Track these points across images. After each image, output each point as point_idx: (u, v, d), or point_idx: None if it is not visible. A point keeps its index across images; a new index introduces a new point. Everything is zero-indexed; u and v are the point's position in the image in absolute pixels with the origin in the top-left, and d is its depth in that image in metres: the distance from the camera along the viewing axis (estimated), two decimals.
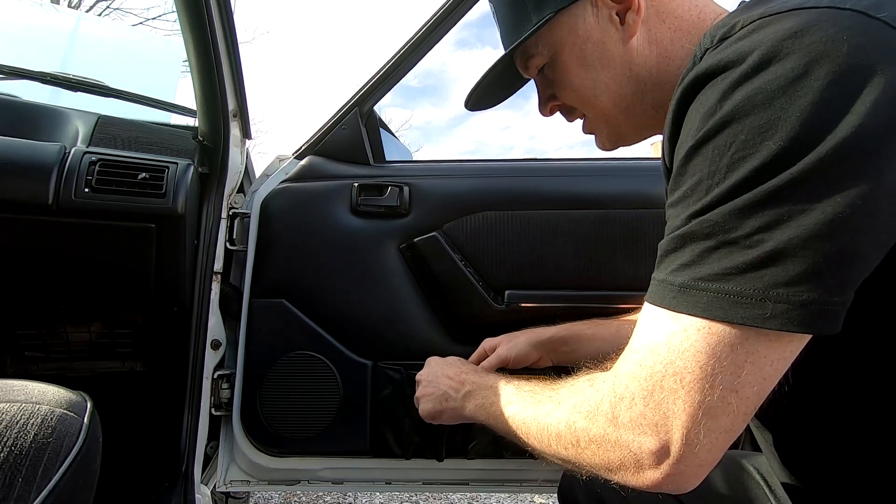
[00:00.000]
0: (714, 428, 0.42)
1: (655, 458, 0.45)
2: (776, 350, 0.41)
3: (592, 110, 0.65)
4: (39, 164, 0.98)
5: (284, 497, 2.06)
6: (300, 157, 1.23)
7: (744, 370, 0.41)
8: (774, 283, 0.39)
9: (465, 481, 1.19)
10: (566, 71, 0.63)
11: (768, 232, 0.39)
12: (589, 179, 1.19)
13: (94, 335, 1.25)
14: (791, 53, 0.40)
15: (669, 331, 0.44)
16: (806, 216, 0.38)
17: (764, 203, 0.39)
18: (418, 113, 32.01)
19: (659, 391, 0.44)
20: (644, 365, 0.45)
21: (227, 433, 1.17)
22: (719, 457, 0.44)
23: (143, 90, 1.52)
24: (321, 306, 1.15)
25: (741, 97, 0.41)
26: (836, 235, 0.38)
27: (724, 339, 0.41)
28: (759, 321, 0.39)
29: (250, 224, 1.19)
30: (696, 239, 0.43)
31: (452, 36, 1.29)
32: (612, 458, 0.48)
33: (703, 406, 0.42)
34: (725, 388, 0.41)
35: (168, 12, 10.19)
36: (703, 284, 0.42)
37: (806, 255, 0.38)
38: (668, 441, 0.44)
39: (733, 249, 0.41)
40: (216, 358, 1.14)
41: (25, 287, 1.06)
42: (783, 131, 0.39)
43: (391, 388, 1.12)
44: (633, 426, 0.46)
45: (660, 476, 0.45)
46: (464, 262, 1.15)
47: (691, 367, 0.42)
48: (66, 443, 0.54)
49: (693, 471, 0.44)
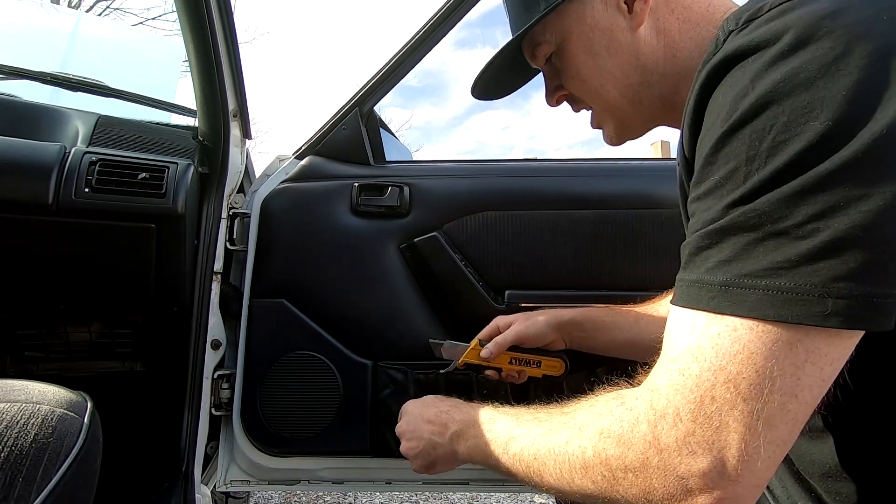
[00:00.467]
0: (773, 439, 0.38)
1: (708, 480, 0.39)
2: (835, 347, 0.37)
3: (599, 100, 0.64)
4: (39, 164, 0.98)
5: (284, 497, 2.06)
6: (300, 157, 1.23)
7: (804, 372, 0.37)
8: (834, 277, 0.35)
9: (465, 481, 1.19)
10: (573, 59, 0.62)
11: (823, 220, 0.35)
12: (589, 179, 1.19)
13: (94, 335, 1.25)
14: (829, 33, 0.37)
15: (715, 332, 0.39)
16: (864, 202, 0.35)
17: (816, 188, 0.36)
18: (418, 113, 32.06)
19: (710, 403, 0.39)
20: (688, 374, 0.40)
21: (227, 433, 1.17)
22: (772, 473, 0.40)
23: (143, 90, 1.52)
24: (321, 306, 1.15)
25: (779, 76, 0.38)
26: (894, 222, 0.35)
27: (780, 338, 0.37)
28: (818, 319, 0.36)
29: (250, 224, 1.19)
30: (736, 231, 0.39)
31: (452, 36, 1.29)
32: (656, 486, 0.42)
33: (762, 415, 0.37)
34: (785, 392, 0.37)
35: (168, 12, 10.20)
36: (749, 281, 0.38)
37: (868, 243, 0.35)
38: (724, 459, 0.38)
39: (783, 241, 0.37)
40: (216, 358, 1.14)
41: (25, 287, 1.06)
42: (829, 109, 0.36)
43: (391, 387, 1.12)
44: (681, 447, 0.40)
45: (712, 501, 0.39)
46: (464, 262, 1.15)
47: (747, 371, 0.37)
48: (67, 443, 0.54)
49: (750, 492, 0.39)
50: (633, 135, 0.67)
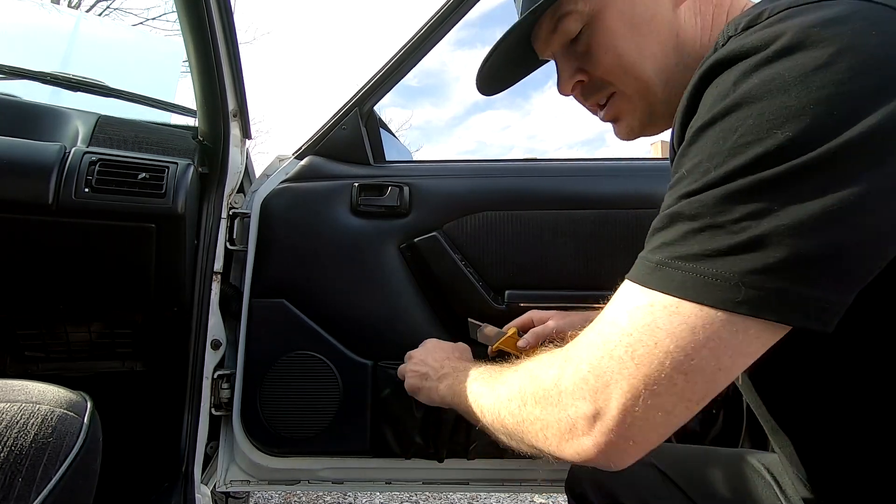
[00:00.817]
0: (653, 405, 0.41)
1: (588, 423, 0.44)
2: (739, 341, 0.40)
3: (632, 81, 0.59)
4: (39, 164, 0.98)
5: (284, 497, 2.06)
6: (300, 157, 1.23)
7: (700, 354, 0.40)
8: (752, 269, 0.38)
9: (465, 481, 1.19)
10: (609, 31, 0.57)
11: (756, 220, 0.38)
12: (589, 179, 1.19)
13: (94, 335, 1.25)
14: (817, 42, 0.38)
15: (635, 305, 0.43)
16: (795, 208, 0.37)
17: (757, 191, 0.38)
18: (418, 113, 32.05)
19: (608, 359, 0.43)
20: (601, 334, 0.45)
21: (227, 433, 1.17)
22: (654, 440, 0.43)
23: (143, 90, 1.52)
24: (321, 306, 1.15)
25: (758, 81, 0.39)
26: (821, 231, 0.37)
27: (687, 320, 0.40)
28: (729, 305, 0.38)
29: (250, 224, 1.19)
30: (682, 219, 0.42)
31: (452, 36, 1.29)
32: (550, 422, 0.48)
33: (648, 381, 0.41)
34: (675, 368, 0.40)
35: (168, 12, 10.20)
36: (679, 263, 0.41)
37: (787, 244, 0.37)
38: (604, 409, 0.43)
39: (717, 233, 0.40)
40: (216, 358, 1.14)
41: (25, 287, 1.06)
42: (794, 122, 0.37)
43: (391, 388, 1.12)
44: (575, 390, 0.45)
45: (590, 444, 0.44)
46: (464, 262, 1.15)
47: (646, 341, 0.41)
48: (66, 443, 0.54)
49: (624, 446, 0.43)
50: (656, 126, 0.63)
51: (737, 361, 0.40)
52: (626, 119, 0.63)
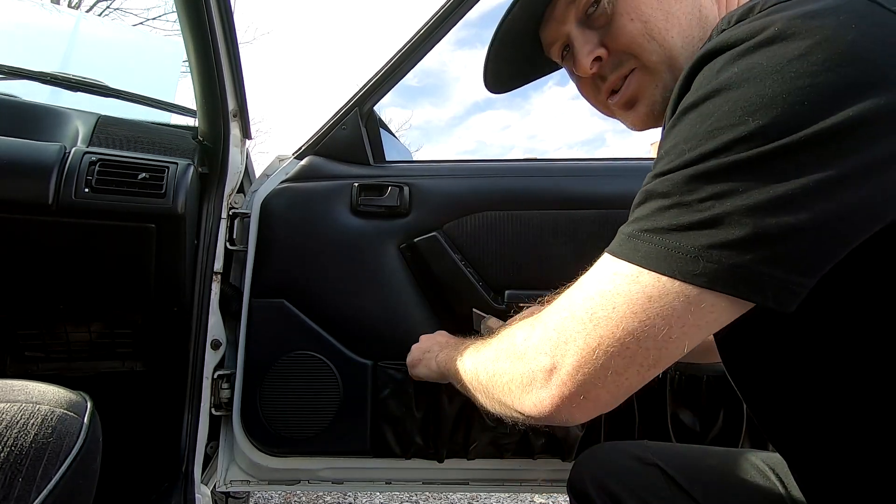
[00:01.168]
0: (605, 364, 0.44)
1: (546, 376, 0.48)
2: (692, 313, 0.42)
3: (658, 49, 0.57)
4: (39, 164, 0.98)
5: (284, 497, 2.06)
6: (300, 157, 1.23)
7: (652, 322, 0.42)
8: (711, 244, 0.40)
9: (465, 481, 1.19)
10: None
11: (720, 199, 0.40)
12: (589, 179, 1.19)
13: (94, 335, 1.25)
14: (798, 33, 0.39)
15: (602, 273, 0.47)
16: (758, 190, 0.39)
17: (725, 172, 0.40)
18: (418, 113, 32.00)
19: (570, 320, 0.47)
20: (570, 298, 0.49)
21: (227, 433, 1.17)
22: (605, 399, 0.46)
23: (143, 90, 1.52)
24: (321, 306, 1.15)
25: (737, 69, 0.41)
26: (779, 212, 0.38)
27: (644, 289, 0.43)
28: (688, 276, 0.41)
29: (250, 224, 1.19)
30: (654, 196, 0.44)
31: (452, 36, 1.29)
32: (514, 375, 0.52)
33: (602, 342, 0.44)
34: (628, 332, 0.43)
35: (168, 12, 10.20)
36: (646, 236, 0.44)
37: (746, 223, 0.39)
38: (560, 363, 0.47)
39: (684, 210, 0.42)
40: (216, 358, 1.14)
41: (25, 287, 1.06)
42: (766, 110, 0.39)
43: (391, 387, 1.12)
44: (539, 345, 0.50)
45: (546, 396, 0.48)
46: (464, 262, 1.15)
47: (605, 306, 0.45)
48: (66, 443, 0.54)
49: (577, 400, 0.47)
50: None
51: (688, 332, 0.43)
52: (645, 98, 0.60)
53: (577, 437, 1.13)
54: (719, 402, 1.11)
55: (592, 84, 0.64)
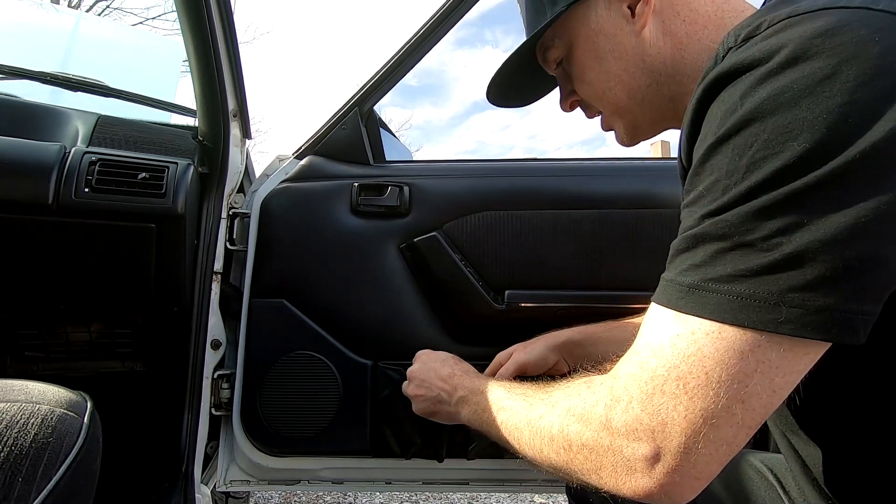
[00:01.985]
0: (715, 438, 0.40)
1: (649, 465, 0.43)
2: (788, 360, 0.39)
3: (608, 103, 0.64)
4: (39, 164, 0.98)
5: (284, 497, 2.06)
6: (300, 157, 1.23)
7: (753, 379, 0.39)
8: (790, 287, 0.37)
9: (465, 481, 1.19)
10: (580, 64, 0.64)
11: (787, 235, 0.38)
12: (589, 179, 1.19)
13: (94, 335, 1.25)
14: (820, 53, 0.38)
15: (675, 332, 0.42)
16: (827, 220, 0.37)
17: (784, 205, 0.38)
18: (418, 113, 31.98)
19: (659, 395, 0.42)
20: (645, 367, 0.44)
21: (227, 433, 1.17)
22: (717, 471, 0.42)
23: (143, 90, 1.52)
24: (321, 306, 1.15)
25: (765, 94, 0.39)
26: (856, 242, 0.36)
27: (733, 345, 0.39)
28: (771, 326, 0.38)
29: (250, 224, 1.19)
30: (709, 239, 0.41)
31: (452, 35, 1.29)
32: (604, 464, 0.46)
33: (706, 414, 0.40)
34: (731, 397, 0.39)
35: (168, 12, 10.20)
36: (713, 286, 0.40)
37: (825, 259, 0.36)
38: (664, 448, 0.42)
39: (749, 251, 0.39)
40: (216, 358, 1.14)
41: (25, 287, 1.06)
42: (809, 132, 0.37)
43: (391, 388, 1.12)
44: (628, 431, 0.44)
45: (652, 485, 0.43)
46: (464, 262, 1.15)
47: (696, 373, 0.40)
48: (66, 443, 0.54)
49: (688, 483, 0.42)
50: (644, 136, 0.67)
51: (788, 380, 0.40)
52: (620, 127, 0.67)
53: None
54: None
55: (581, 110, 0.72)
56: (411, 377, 0.91)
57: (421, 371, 0.89)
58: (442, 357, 0.90)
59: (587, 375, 0.54)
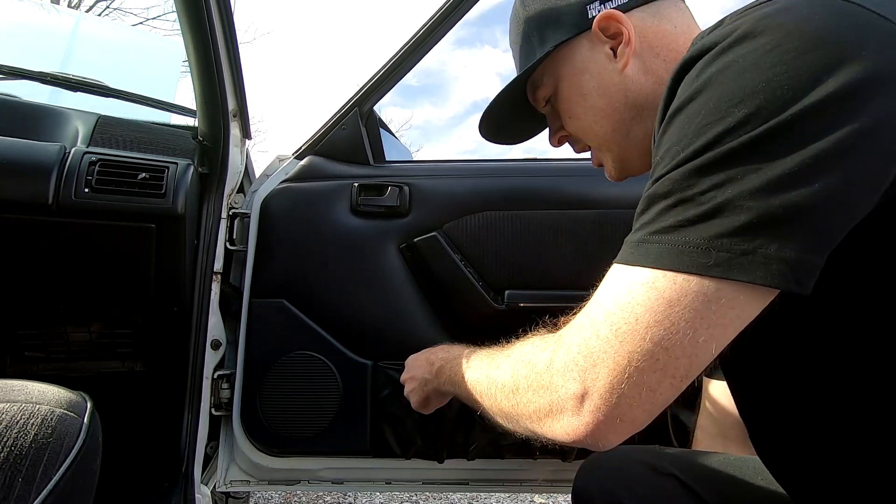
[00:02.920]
0: (639, 382, 0.43)
1: (577, 403, 0.46)
2: (714, 311, 0.41)
3: (594, 138, 0.68)
4: (39, 164, 0.98)
5: (284, 497, 2.06)
6: (300, 157, 1.23)
7: (678, 327, 0.42)
8: (719, 234, 0.40)
9: (464, 481, 1.19)
10: (566, 101, 0.67)
11: (721, 188, 0.41)
12: (589, 179, 1.19)
13: (94, 335, 1.25)
14: (766, 30, 0.42)
15: (617, 285, 0.46)
16: (757, 174, 0.40)
17: (721, 162, 0.41)
18: (418, 113, 31.97)
19: (594, 340, 0.45)
20: (588, 316, 0.48)
21: (227, 433, 1.17)
22: (641, 418, 0.45)
23: (143, 90, 1.52)
24: (321, 306, 1.15)
25: (716, 68, 0.44)
26: (782, 192, 0.39)
27: (664, 293, 0.42)
28: (701, 269, 0.41)
29: (250, 224, 1.19)
30: (656, 198, 0.45)
31: (452, 35, 1.29)
32: (542, 404, 0.50)
33: (631, 358, 0.43)
34: (656, 342, 0.42)
35: (168, 12, 10.18)
36: (655, 238, 0.44)
37: (751, 207, 0.40)
38: (592, 388, 0.45)
39: (688, 205, 0.42)
40: (216, 358, 1.14)
41: (25, 287, 1.06)
42: (750, 99, 0.41)
43: (391, 388, 1.12)
44: (565, 371, 0.47)
45: (579, 423, 0.46)
46: (464, 262, 1.15)
47: (627, 318, 0.43)
48: (66, 443, 0.54)
49: (612, 424, 0.45)
50: (633, 169, 0.69)
51: (714, 333, 0.42)
52: (608, 162, 0.70)
53: None
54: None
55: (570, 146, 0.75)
56: (403, 381, 0.93)
57: (408, 370, 0.92)
58: (424, 350, 0.92)
59: (546, 330, 0.58)
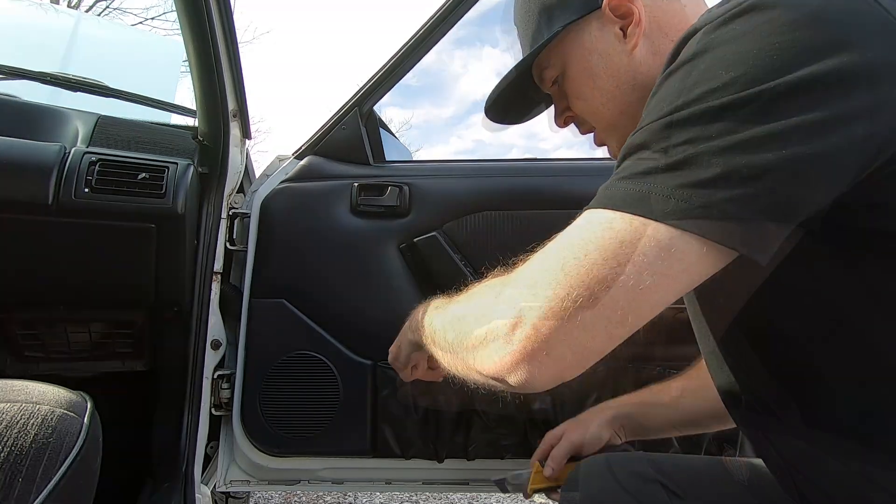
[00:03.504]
0: (573, 317, 0.42)
1: (508, 330, 0.45)
2: (663, 260, 0.41)
3: (601, 119, 0.67)
4: (39, 164, 0.98)
5: (285, 497, 2.06)
6: (300, 157, 1.23)
7: (624, 269, 0.42)
8: (681, 184, 0.41)
9: (464, 481, 1.19)
10: (575, 81, 0.67)
11: (694, 143, 0.42)
12: (589, 179, 1.19)
13: (94, 335, 1.24)
14: (770, 5, 0.43)
15: (577, 225, 0.47)
16: (730, 134, 0.41)
17: (699, 118, 0.42)
18: (418, 113, 32.01)
19: (541, 273, 0.46)
20: (543, 251, 0.48)
21: (227, 433, 1.17)
22: (569, 360, 0.44)
23: (143, 90, 1.52)
24: (321, 306, 1.15)
25: (714, 36, 0.45)
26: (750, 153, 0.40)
27: (618, 234, 0.42)
28: (658, 216, 0.41)
29: (250, 224, 1.19)
30: (634, 149, 0.46)
31: (452, 35, 1.28)
32: (480, 332, 0.49)
33: (571, 292, 0.43)
34: (599, 281, 0.42)
35: (168, 12, 10.18)
36: (622, 183, 0.45)
37: (717, 163, 0.40)
38: (526, 316, 0.44)
39: (657, 156, 0.43)
40: (216, 358, 1.14)
41: (25, 287, 1.06)
42: (738, 65, 0.42)
43: (391, 388, 1.12)
44: (508, 302, 0.47)
45: (506, 353, 0.45)
46: (464, 262, 1.15)
47: (576, 254, 0.44)
48: (67, 443, 0.54)
49: (538, 358, 0.44)
50: None
51: (659, 282, 0.42)
52: (612, 141, 0.69)
53: None
54: None
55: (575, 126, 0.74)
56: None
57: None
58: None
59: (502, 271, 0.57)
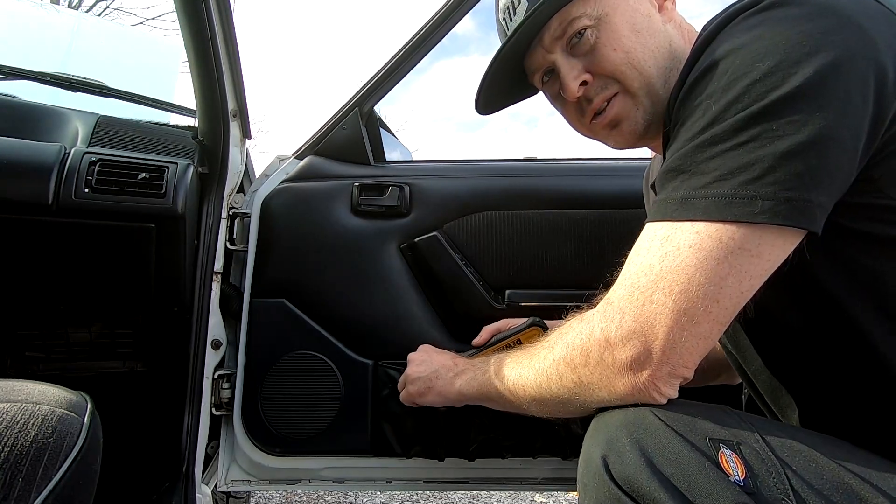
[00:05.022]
0: (694, 333, 0.48)
1: (639, 365, 0.50)
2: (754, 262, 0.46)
3: (638, 76, 0.64)
4: (39, 164, 0.98)
5: (285, 496, 2.06)
6: (300, 157, 1.23)
7: (726, 282, 0.47)
8: (763, 184, 0.45)
9: (465, 480, 1.19)
10: (617, 32, 0.65)
11: (759, 141, 0.46)
12: (589, 179, 1.19)
13: (94, 335, 1.25)
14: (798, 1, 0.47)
15: (664, 251, 0.49)
16: (796, 131, 0.45)
17: (756, 118, 0.46)
18: (418, 113, 31.91)
19: (649, 305, 0.49)
20: (637, 286, 0.51)
21: (227, 433, 1.17)
22: (697, 361, 0.50)
23: (143, 90, 1.52)
24: (321, 306, 1.15)
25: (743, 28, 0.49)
26: (818, 147, 0.45)
27: (711, 252, 0.47)
28: (749, 216, 0.45)
29: (250, 224, 1.19)
30: (694, 153, 0.49)
31: (450, 37, 1.29)
32: (605, 373, 0.53)
33: (688, 314, 0.48)
34: (709, 298, 0.47)
35: (168, 12, 10.16)
36: (701, 192, 0.48)
37: (793, 161, 0.45)
38: (654, 347, 0.49)
39: (727, 158, 0.47)
40: (217, 358, 1.14)
41: (25, 287, 1.06)
42: (772, 57, 0.46)
43: (392, 387, 1.12)
44: (624, 340, 0.51)
45: (645, 379, 0.50)
46: (464, 261, 1.15)
47: (680, 280, 0.48)
48: (67, 443, 0.54)
49: (672, 374, 0.50)
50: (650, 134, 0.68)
51: (755, 282, 0.47)
52: (628, 119, 0.68)
53: (579, 435, 1.13)
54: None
55: (577, 107, 0.71)
56: (411, 360, 0.95)
57: (422, 353, 0.95)
58: (442, 350, 0.96)
59: (579, 313, 0.61)
